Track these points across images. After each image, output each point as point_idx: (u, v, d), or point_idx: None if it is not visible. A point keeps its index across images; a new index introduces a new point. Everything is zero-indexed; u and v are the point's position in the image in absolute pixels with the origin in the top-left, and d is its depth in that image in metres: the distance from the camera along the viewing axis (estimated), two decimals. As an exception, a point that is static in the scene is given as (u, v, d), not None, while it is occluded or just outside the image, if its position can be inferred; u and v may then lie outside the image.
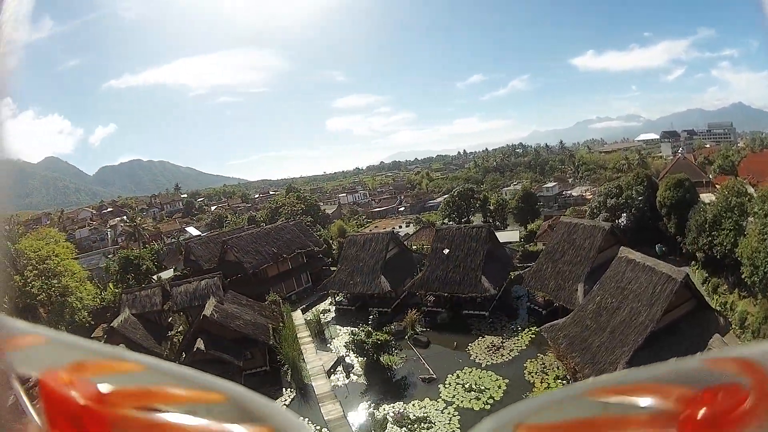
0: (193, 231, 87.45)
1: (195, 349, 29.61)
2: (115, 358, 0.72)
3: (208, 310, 31.44)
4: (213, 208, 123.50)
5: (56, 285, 39.03)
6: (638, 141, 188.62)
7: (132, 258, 51.69)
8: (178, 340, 35.91)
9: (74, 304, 39.32)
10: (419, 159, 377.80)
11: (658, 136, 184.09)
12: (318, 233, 60.06)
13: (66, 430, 0.66)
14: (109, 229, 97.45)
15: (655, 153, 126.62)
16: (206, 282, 37.43)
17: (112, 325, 35.28)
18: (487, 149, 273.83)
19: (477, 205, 63.57)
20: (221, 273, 39.56)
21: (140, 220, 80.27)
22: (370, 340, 28.83)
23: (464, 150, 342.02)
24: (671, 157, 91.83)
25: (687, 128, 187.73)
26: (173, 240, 77.31)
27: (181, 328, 36.99)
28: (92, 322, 42.30)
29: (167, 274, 53.78)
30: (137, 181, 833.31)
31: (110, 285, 50.62)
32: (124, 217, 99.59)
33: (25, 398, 0.70)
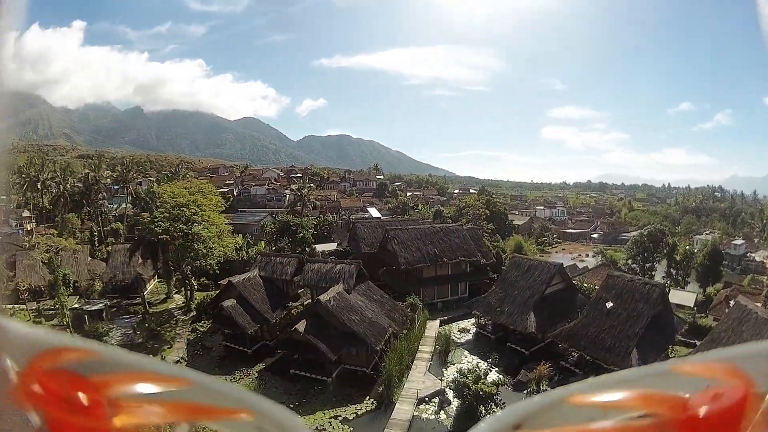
0: (373, 212, 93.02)
1: (293, 329, 32.05)
2: (115, 360, 0.77)
3: (326, 296, 33.35)
4: (408, 194, 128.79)
5: (184, 230, 44.26)
6: None
7: (291, 224, 56.76)
8: (296, 313, 39.44)
9: (200, 251, 44.59)
10: (625, 184, 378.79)
11: None
12: (495, 243, 60.04)
13: (66, 430, 0.72)
14: (288, 192, 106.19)
15: None
16: (341, 267, 39.25)
17: (231, 279, 39.92)
18: (689, 186, 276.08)
19: (664, 250, 59.97)
20: (360, 261, 41.43)
21: (307, 190, 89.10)
22: (474, 387, 27.65)
23: (668, 183, 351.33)
24: None
25: None
26: (351, 216, 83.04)
27: (307, 303, 40.21)
28: (217, 271, 48.36)
29: (329, 247, 59.05)
30: (344, 155, 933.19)
31: (262, 243, 57.16)
32: (311, 185, 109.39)
33: (24, 398, 0.75)
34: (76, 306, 47.37)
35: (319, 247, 58.32)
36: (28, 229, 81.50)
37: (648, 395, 0.72)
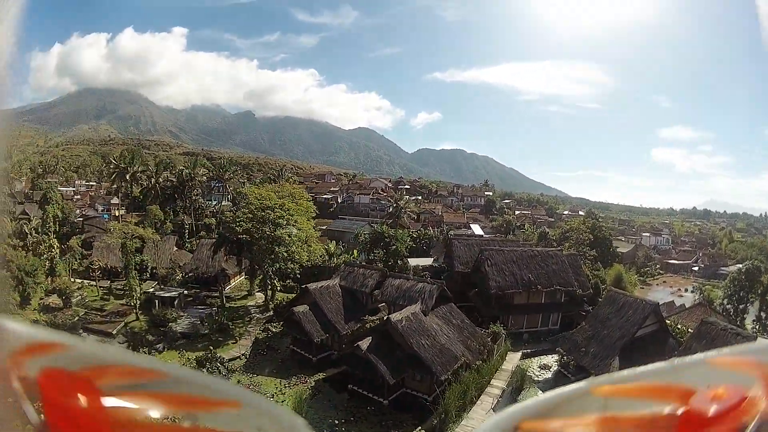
0: (476, 229, 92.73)
1: (355, 345, 32.42)
2: (116, 360, 0.82)
3: (398, 315, 33.37)
4: (516, 213, 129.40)
5: (266, 232, 46.38)
6: None
7: (385, 235, 58.57)
8: (369, 326, 39.26)
9: (280, 254, 46.53)
10: (728, 212, 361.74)
11: None
12: (595, 272, 58.47)
13: (62, 425, 0.78)
14: (392, 202, 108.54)
15: None
16: (422, 286, 39.17)
17: (308, 285, 41.41)
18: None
19: (759, 291, 54.64)
20: (446, 281, 41.65)
21: (404, 202, 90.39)
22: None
23: (766, 212, 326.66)
24: None
25: None
26: (451, 232, 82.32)
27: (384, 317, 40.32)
28: (298, 275, 50.81)
29: (424, 261, 59.98)
30: (457, 169, 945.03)
31: (355, 252, 59.54)
32: (419, 197, 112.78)
33: (24, 398, 0.82)
34: (151, 290, 51.86)
35: (414, 261, 59.42)
36: (116, 215, 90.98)
37: (655, 387, 0.77)
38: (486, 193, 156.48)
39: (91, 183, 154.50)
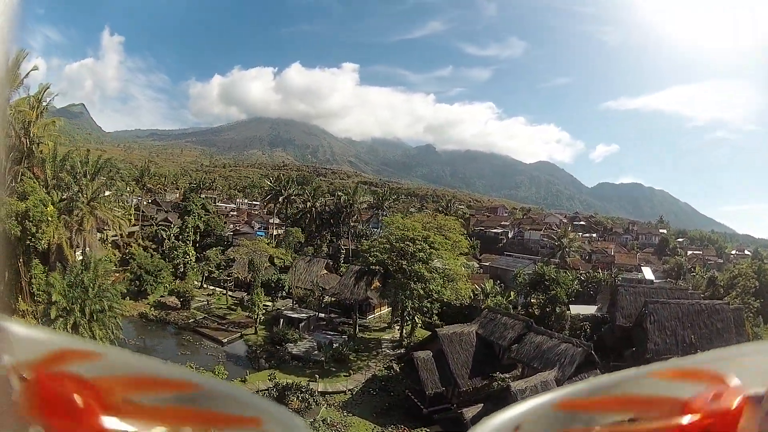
0: (647, 273, 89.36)
1: (459, 411, 32.97)
2: (119, 362, 0.92)
3: (523, 383, 32.64)
4: (688, 254, 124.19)
5: (403, 265, 47.73)
6: None
7: (546, 277, 57.18)
8: (497, 386, 37.59)
9: (416, 290, 46.66)
10: None
11: None
12: (755, 329, 53.90)
13: (64, 430, 0.87)
14: (562, 239, 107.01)
15: None
16: (565, 348, 37.29)
17: (438, 330, 42.06)
18: None
19: None
20: (592, 346, 38.96)
21: (568, 240, 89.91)
22: None
23: None
24: None
25: None
26: (619, 276, 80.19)
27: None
28: (438, 312, 50.94)
29: (587, 309, 58.39)
30: (635, 205, 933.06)
31: (511, 294, 59.16)
32: (593, 235, 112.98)
33: (24, 398, 0.89)
34: (280, 308, 57.02)
35: (576, 309, 58.03)
36: (273, 233, 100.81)
37: (641, 399, 0.88)
38: (660, 231, 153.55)
39: (255, 202, 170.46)
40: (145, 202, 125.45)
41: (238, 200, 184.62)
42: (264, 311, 55.63)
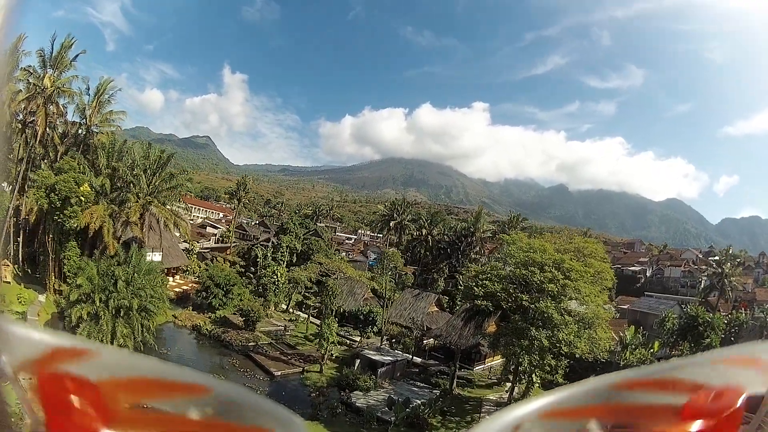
0: None
1: None
2: (119, 360, 0.86)
3: None
4: None
5: (523, 301, 35.47)
6: None
7: (699, 321, 49.02)
8: None
9: (538, 340, 34.18)
10: None
11: None
12: None
13: (65, 430, 0.83)
14: (704, 277, 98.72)
15: None
16: None
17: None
18: None
19: None
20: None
21: (729, 267, 78.00)
22: None
23: None
24: None
25: None
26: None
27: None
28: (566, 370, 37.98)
29: None
30: (754, 240, 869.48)
31: (656, 344, 48.89)
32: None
33: (24, 398, 0.86)
34: (366, 345, 49.75)
35: None
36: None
37: (637, 406, 0.86)
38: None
39: (378, 235, 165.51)
40: (253, 223, 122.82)
41: (359, 231, 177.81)
42: (347, 347, 49.31)
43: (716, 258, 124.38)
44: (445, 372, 45.67)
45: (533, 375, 37.93)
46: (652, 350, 48.72)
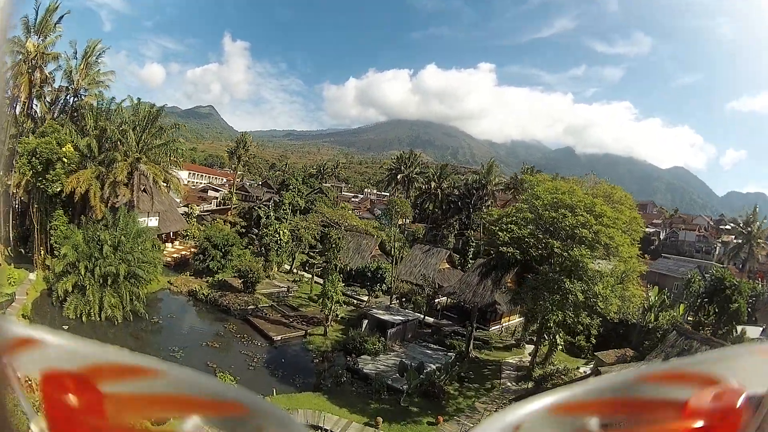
0: None
1: None
2: (121, 362, 0.84)
3: None
4: None
5: (555, 248, 31.10)
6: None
7: (726, 283, 45.78)
8: None
9: (572, 293, 29.58)
10: None
11: None
12: None
13: (63, 428, 0.82)
14: (719, 243, 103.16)
15: None
16: None
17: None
18: None
19: None
20: None
21: (757, 228, 78.11)
22: None
23: None
24: None
25: None
26: None
27: None
28: (598, 332, 34.78)
29: (753, 331, 47.78)
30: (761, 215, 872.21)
31: (680, 306, 46.13)
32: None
33: (26, 400, 0.85)
34: (375, 304, 46.60)
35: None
36: (399, 223, 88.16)
37: (639, 401, 0.86)
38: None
39: (385, 193, 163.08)
40: (256, 184, 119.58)
41: (366, 191, 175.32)
42: (354, 307, 46.10)
43: (728, 228, 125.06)
44: (460, 333, 42.38)
45: (557, 336, 34.50)
46: (678, 313, 45.42)
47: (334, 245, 44.17)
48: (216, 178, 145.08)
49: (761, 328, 50.79)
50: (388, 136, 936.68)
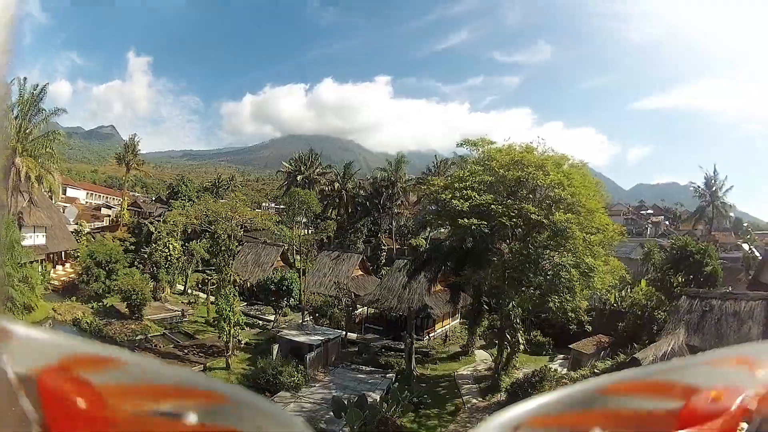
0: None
1: None
2: (117, 359, 0.84)
3: None
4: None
5: (530, 215, 25.88)
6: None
7: (692, 248, 45.61)
8: None
9: (565, 274, 24.95)
10: None
11: None
12: None
13: (65, 430, 0.82)
14: (649, 224, 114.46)
15: None
16: (749, 305, 27.22)
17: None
18: None
19: None
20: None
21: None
22: None
23: None
24: None
25: None
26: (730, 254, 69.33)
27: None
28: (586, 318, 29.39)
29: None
30: (673, 202, 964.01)
31: (642, 282, 45.27)
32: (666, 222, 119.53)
33: (24, 398, 0.84)
34: (284, 323, 40.64)
35: None
36: (300, 233, 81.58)
37: (656, 385, 0.86)
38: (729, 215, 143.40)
39: (283, 206, 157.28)
40: (149, 200, 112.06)
41: (264, 204, 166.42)
42: (261, 329, 40.18)
43: (650, 212, 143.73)
44: (392, 347, 36.31)
45: (518, 334, 28.59)
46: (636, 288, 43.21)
47: (223, 248, 34.96)
48: (114, 198, 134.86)
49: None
50: (284, 152, 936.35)
